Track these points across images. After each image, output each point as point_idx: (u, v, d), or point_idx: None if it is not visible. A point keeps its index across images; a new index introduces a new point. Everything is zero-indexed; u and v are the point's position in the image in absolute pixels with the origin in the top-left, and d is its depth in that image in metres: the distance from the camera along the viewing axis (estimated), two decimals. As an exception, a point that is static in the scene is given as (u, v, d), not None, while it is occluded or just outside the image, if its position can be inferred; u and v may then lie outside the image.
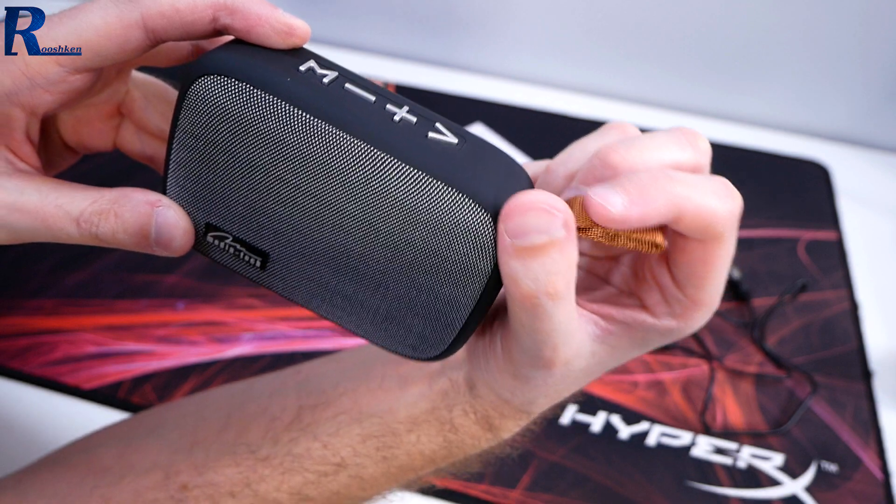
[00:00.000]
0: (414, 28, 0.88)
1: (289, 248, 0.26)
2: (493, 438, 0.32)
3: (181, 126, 0.25)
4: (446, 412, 0.31)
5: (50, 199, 0.26)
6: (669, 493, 0.49)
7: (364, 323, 0.26)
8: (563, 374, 0.27)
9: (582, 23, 0.83)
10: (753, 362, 0.58)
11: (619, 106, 0.85)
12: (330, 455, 0.32)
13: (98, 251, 0.63)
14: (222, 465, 0.32)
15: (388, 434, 0.32)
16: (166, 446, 0.34)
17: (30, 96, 0.26)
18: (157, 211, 0.26)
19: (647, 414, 0.54)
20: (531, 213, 0.21)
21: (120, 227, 0.26)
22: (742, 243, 0.68)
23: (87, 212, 0.26)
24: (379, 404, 0.32)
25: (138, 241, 0.26)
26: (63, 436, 0.51)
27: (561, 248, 0.22)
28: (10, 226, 0.26)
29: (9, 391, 0.53)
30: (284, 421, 0.33)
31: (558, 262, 0.22)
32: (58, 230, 0.26)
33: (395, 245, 0.24)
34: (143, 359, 0.55)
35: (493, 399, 0.30)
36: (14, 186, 0.26)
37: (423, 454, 0.32)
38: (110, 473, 0.34)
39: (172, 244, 0.26)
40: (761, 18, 0.78)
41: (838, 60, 0.79)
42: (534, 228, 0.21)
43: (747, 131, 0.83)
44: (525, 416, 0.31)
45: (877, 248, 0.70)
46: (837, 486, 0.50)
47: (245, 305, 0.59)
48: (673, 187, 0.23)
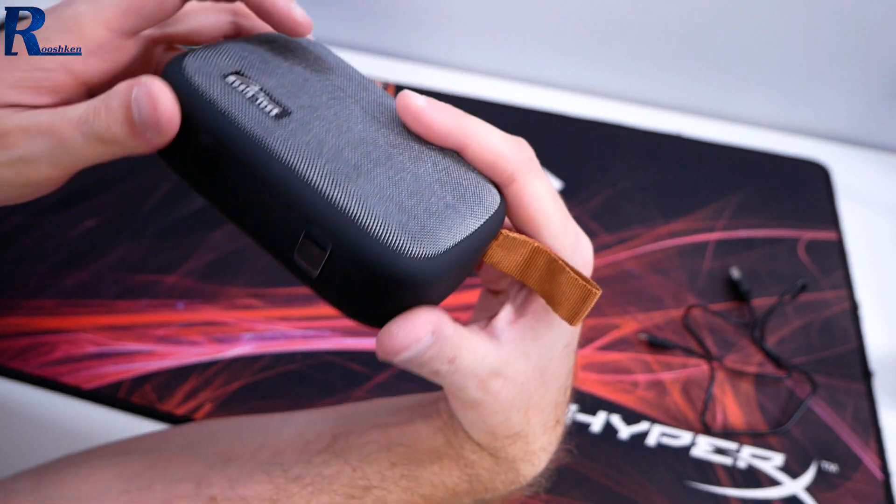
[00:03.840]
0: (413, 28, 0.88)
1: (311, 114, 0.26)
2: (510, 471, 0.34)
3: None
4: (459, 449, 0.33)
5: (58, 113, 0.26)
6: (669, 493, 0.49)
7: (367, 197, 0.24)
8: (504, 387, 0.29)
9: (582, 23, 0.83)
10: (753, 362, 0.58)
11: (620, 106, 0.85)
12: (358, 478, 0.33)
13: (98, 251, 0.63)
14: (254, 481, 0.33)
15: (414, 463, 0.33)
16: (200, 460, 0.35)
17: (83, 64, 0.27)
18: (134, 89, 0.25)
19: (647, 414, 0.54)
20: (402, 352, 0.25)
21: (111, 118, 0.25)
22: (742, 243, 0.68)
23: (85, 111, 0.26)
24: (406, 435, 0.34)
25: (130, 130, 0.25)
26: (63, 436, 0.51)
27: (437, 345, 0.26)
28: (38, 150, 0.26)
29: (9, 391, 0.53)
30: (318, 446, 0.34)
31: (440, 349, 0.26)
32: (69, 141, 0.26)
33: None
34: (143, 359, 0.55)
35: (482, 436, 0.32)
36: (33, 114, 0.26)
37: (446, 485, 0.34)
38: (140, 480, 0.34)
39: (158, 120, 0.24)
40: (761, 18, 0.78)
41: (838, 60, 0.79)
42: (412, 358, 0.25)
43: (747, 131, 0.83)
44: (522, 440, 0.32)
45: (877, 248, 0.70)
46: (837, 486, 0.50)
47: (245, 305, 0.59)
48: (465, 119, 0.27)
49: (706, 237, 0.69)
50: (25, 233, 0.64)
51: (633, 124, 0.82)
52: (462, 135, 0.26)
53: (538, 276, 0.27)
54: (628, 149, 0.79)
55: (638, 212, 0.71)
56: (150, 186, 0.70)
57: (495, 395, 0.29)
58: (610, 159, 0.77)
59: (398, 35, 0.89)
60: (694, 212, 0.71)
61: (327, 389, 0.53)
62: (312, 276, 0.25)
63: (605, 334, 0.59)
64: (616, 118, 0.83)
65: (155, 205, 0.68)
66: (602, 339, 0.59)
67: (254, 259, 0.63)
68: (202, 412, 0.52)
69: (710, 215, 0.71)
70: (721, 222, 0.70)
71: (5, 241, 0.64)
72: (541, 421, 0.33)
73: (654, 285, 0.63)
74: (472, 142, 0.26)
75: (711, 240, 0.68)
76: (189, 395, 0.53)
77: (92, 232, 0.65)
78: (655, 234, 0.68)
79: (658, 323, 0.60)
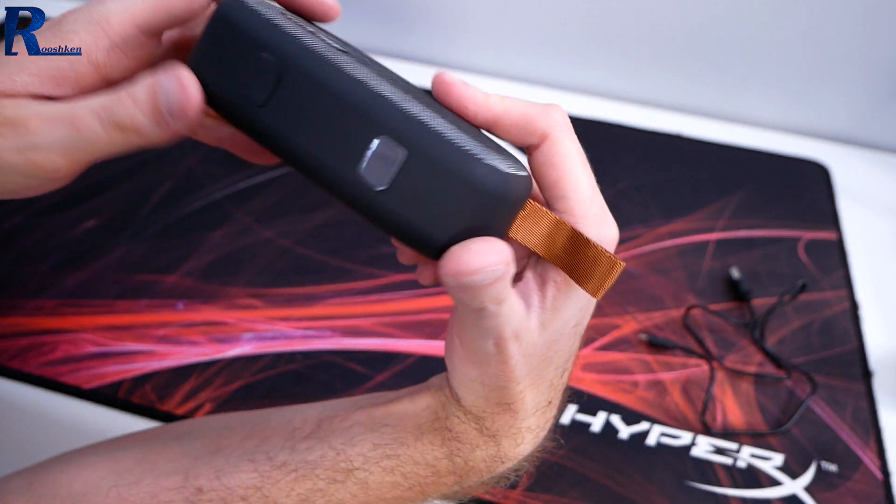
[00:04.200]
0: (413, 28, 0.88)
1: (364, 59, 0.27)
2: (490, 444, 0.33)
3: None
4: (445, 420, 0.33)
5: (76, 104, 0.26)
6: (669, 492, 0.49)
7: (442, 115, 0.25)
8: (516, 354, 0.29)
9: (582, 23, 0.83)
10: (753, 362, 0.58)
11: (620, 106, 0.85)
12: (341, 461, 0.33)
13: (98, 251, 0.63)
14: (239, 470, 0.34)
15: (396, 443, 0.33)
16: (189, 452, 0.35)
17: (107, 57, 0.27)
18: (158, 77, 0.25)
19: (647, 414, 0.54)
20: (478, 274, 0.24)
21: (135, 107, 0.26)
22: (742, 243, 0.68)
23: (105, 102, 0.26)
24: (391, 415, 0.34)
25: (154, 116, 0.26)
26: (63, 436, 0.51)
27: (503, 280, 0.25)
28: (53, 138, 0.26)
29: (9, 391, 0.53)
30: (304, 432, 0.34)
31: (501, 286, 0.25)
32: (87, 130, 0.26)
33: None
34: (143, 359, 0.55)
35: (473, 400, 0.32)
36: (53, 104, 0.27)
37: (427, 462, 0.33)
38: (130, 474, 0.34)
39: (186, 105, 0.25)
40: (761, 18, 0.78)
41: (838, 60, 0.79)
42: (479, 282, 0.24)
43: (747, 131, 0.83)
44: (511, 413, 0.32)
45: (877, 248, 0.70)
46: (837, 486, 0.50)
47: (245, 305, 0.59)
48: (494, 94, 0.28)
49: (706, 237, 0.69)
50: (25, 233, 0.64)
51: (633, 124, 0.82)
52: (497, 99, 0.27)
53: (560, 249, 0.27)
54: (628, 149, 0.79)
55: (638, 212, 0.71)
56: (150, 186, 0.70)
57: (506, 359, 0.29)
58: (610, 159, 0.77)
59: (398, 35, 0.89)
60: (694, 212, 0.71)
61: (327, 389, 0.53)
62: (377, 188, 0.24)
63: (605, 334, 0.59)
64: (616, 118, 0.83)
65: (155, 205, 0.68)
66: (602, 339, 0.59)
67: (254, 259, 0.63)
68: (202, 412, 0.52)
69: (710, 215, 0.71)
70: (721, 222, 0.70)
71: (5, 241, 0.64)
72: (534, 398, 0.32)
73: (654, 285, 0.63)
74: (508, 103, 0.27)
75: (711, 240, 0.68)
76: (189, 395, 0.53)
77: (92, 232, 0.65)
78: (655, 234, 0.68)
79: (658, 323, 0.60)
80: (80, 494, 0.34)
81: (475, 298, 0.25)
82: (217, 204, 0.68)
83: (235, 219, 0.67)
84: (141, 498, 0.33)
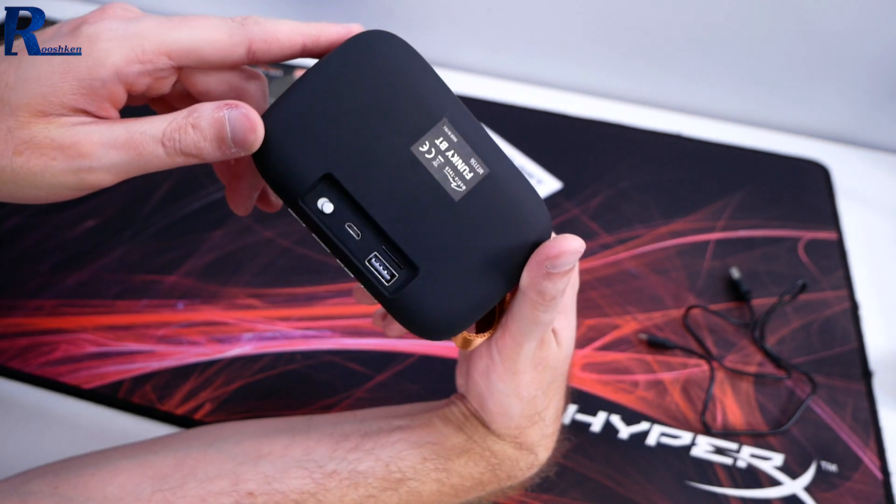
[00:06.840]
0: (413, 28, 0.88)
1: None
2: (529, 455, 0.38)
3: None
4: (482, 441, 0.37)
5: (135, 129, 0.28)
6: (669, 492, 0.49)
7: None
8: (546, 365, 0.34)
9: (582, 23, 0.83)
10: (753, 362, 0.58)
11: (619, 106, 0.85)
12: (393, 472, 0.36)
13: (98, 251, 0.63)
14: (291, 476, 0.35)
15: (443, 458, 0.37)
16: (230, 458, 0.36)
17: (135, 78, 0.28)
18: (226, 112, 0.28)
19: (647, 414, 0.54)
20: (571, 255, 0.30)
21: (199, 136, 0.28)
22: (742, 243, 0.68)
23: (168, 130, 0.28)
24: (431, 434, 0.37)
25: (219, 145, 0.28)
26: (63, 436, 0.51)
27: (573, 272, 0.32)
28: (111, 162, 0.28)
29: (9, 391, 0.53)
30: (348, 445, 0.37)
31: (570, 277, 0.31)
32: (149, 155, 0.28)
33: None
34: (143, 359, 0.55)
35: (506, 422, 0.36)
36: (105, 128, 0.28)
37: (473, 476, 0.37)
38: (170, 479, 0.35)
39: (249, 137, 0.28)
40: (761, 18, 0.78)
41: (838, 60, 0.79)
42: (568, 263, 0.30)
43: (747, 131, 0.83)
44: (540, 422, 0.37)
45: (877, 248, 0.70)
46: (837, 485, 0.50)
47: (245, 305, 0.59)
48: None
49: (706, 237, 0.69)
50: (25, 233, 0.64)
51: (633, 124, 0.82)
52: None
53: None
54: (628, 149, 0.79)
55: (638, 212, 0.71)
56: (150, 186, 0.70)
57: (539, 369, 0.34)
58: (610, 159, 0.77)
59: (398, 35, 0.89)
60: (694, 212, 0.71)
61: (327, 389, 0.53)
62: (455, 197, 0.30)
63: (605, 334, 0.59)
64: (616, 118, 0.83)
65: (155, 205, 0.68)
66: (602, 339, 0.59)
67: (254, 259, 0.63)
68: (202, 412, 0.52)
69: (710, 215, 0.71)
70: (721, 222, 0.70)
71: (5, 241, 0.64)
72: (555, 406, 0.37)
73: (654, 285, 0.63)
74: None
75: (711, 240, 0.68)
76: (189, 395, 0.53)
77: (92, 232, 0.65)
78: (655, 234, 0.68)
79: (658, 323, 0.60)
80: (118, 498, 0.34)
81: (557, 285, 0.30)
82: (217, 204, 0.68)
83: (235, 219, 0.67)
84: (189, 502, 0.34)
